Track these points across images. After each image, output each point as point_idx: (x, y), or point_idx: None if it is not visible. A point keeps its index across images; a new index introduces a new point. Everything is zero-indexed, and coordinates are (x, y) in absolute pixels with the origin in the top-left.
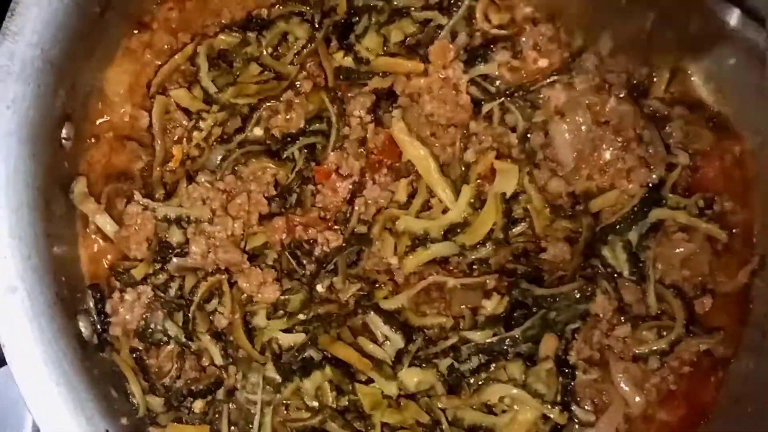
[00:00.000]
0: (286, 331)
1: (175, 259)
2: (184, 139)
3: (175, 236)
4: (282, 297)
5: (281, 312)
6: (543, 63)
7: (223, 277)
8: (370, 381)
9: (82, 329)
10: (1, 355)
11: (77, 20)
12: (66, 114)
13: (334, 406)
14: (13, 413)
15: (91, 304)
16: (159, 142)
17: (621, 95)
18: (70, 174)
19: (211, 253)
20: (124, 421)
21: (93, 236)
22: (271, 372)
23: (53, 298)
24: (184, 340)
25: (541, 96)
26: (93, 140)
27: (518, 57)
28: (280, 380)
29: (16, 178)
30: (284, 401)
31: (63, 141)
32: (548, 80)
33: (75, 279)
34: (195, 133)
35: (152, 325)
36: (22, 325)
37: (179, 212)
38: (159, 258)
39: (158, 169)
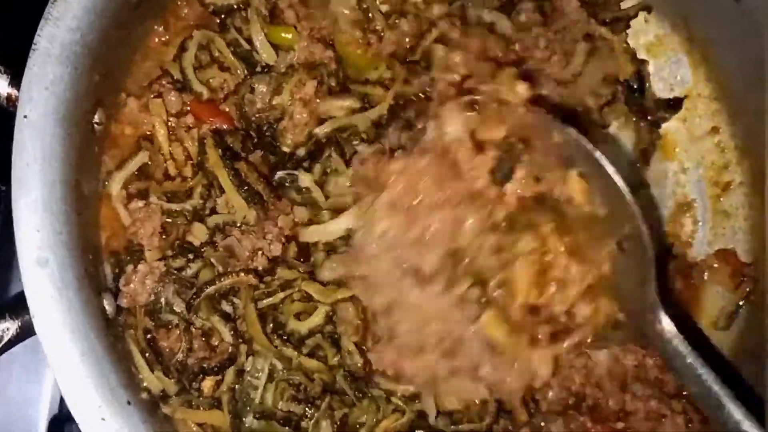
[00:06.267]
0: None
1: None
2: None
3: (200, 236)
4: None
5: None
6: None
7: (254, 280)
8: None
9: (106, 306)
10: (30, 325)
11: (114, 9)
12: (98, 99)
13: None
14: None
15: (109, 272)
16: (163, 147)
17: None
18: (99, 157)
19: (257, 255)
20: (144, 395)
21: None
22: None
23: (81, 272)
24: (188, 316)
25: None
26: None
27: None
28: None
29: (52, 156)
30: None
31: (95, 125)
32: None
33: (100, 256)
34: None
35: (162, 300)
36: (52, 296)
37: (222, 218)
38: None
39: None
